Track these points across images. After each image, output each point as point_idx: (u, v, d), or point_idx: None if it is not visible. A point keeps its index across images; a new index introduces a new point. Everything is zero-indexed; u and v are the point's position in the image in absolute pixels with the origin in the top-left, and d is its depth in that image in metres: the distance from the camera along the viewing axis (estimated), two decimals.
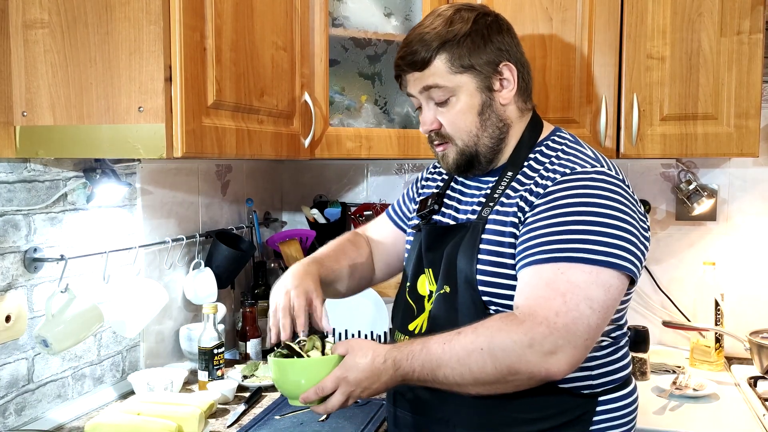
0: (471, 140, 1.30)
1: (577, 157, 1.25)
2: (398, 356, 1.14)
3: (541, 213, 1.18)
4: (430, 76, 1.28)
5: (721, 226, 2.19)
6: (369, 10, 2.00)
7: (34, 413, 1.54)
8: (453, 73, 1.27)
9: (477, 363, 1.10)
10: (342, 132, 1.92)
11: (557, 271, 1.12)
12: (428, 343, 1.14)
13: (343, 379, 1.14)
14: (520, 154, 1.31)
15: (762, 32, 1.76)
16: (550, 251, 1.14)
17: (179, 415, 1.47)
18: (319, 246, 2.38)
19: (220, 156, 1.45)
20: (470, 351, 1.11)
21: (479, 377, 1.11)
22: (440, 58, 1.27)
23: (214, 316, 1.81)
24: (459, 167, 1.33)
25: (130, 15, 1.30)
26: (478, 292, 1.24)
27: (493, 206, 1.28)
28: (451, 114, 1.29)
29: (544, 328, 1.09)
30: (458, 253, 1.28)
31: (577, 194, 1.17)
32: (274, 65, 1.65)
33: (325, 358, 1.18)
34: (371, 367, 1.14)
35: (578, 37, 1.89)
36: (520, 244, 1.20)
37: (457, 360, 1.11)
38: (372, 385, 1.15)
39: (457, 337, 1.13)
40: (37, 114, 1.38)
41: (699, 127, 1.82)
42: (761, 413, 1.67)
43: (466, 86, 1.28)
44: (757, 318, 2.10)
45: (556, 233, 1.15)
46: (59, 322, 1.47)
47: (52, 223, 1.56)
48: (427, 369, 1.13)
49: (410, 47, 1.29)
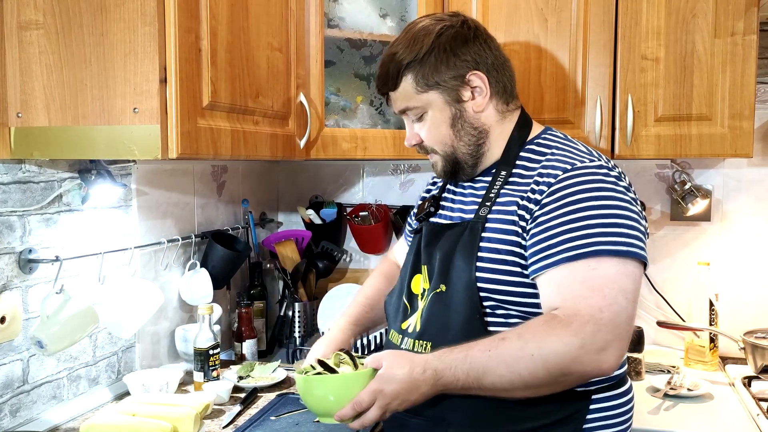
0: (449, 149, 1.34)
1: (573, 153, 1.27)
2: (440, 366, 1.13)
3: (554, 211, 1.19)
4: (401, 99, 1.34)
5: (715, 226, 2.19)
6: (364, 11, 2.00)
7: (29, 414, 1.54)
8: (419, 92, 1.32)
9: (528, 369, 1.10)
10: (337, 133, 1.93)
11: (588, 268, 1.14)
12: (471, 351, 1.13)
13: (380, 392, 1.12)
14: (510, 152, 1.33)
15: (756, 33, 1.77)
16: (576, 248, 1.15)
17: (174, 416, 1.47)
18: (315, 247, 2.41)
19: (216, 157, 1.45)
20: (519, 357, 1.11)
21: (530, 382, 1.12)
22: (406, 80, 1.32)
23: (209, 317, 1.81)
24: (446, 173, 1.38)
25: (125, 16, 1.30)
26: (476, 291, 1.24)
27: (490, 206, 1.29)
28: (426, 128, 1.35)
29: (592, 326, 1.10)
30: (455, 251, 1.29)
31: (584, 189, 1.19)
32: (270, 66, 1.65)
33: (358, 373, 1.15)
34: (410, 379, 1.12)
35: (573, 38, 1.89)
36: (536, 244, 1.20)
37: (506, 367, 1.11)
38: (410, 397, 1.13)
39: (502, 343, 1.12)
40: (31, 115, 1.38)
41: (693, 128, 1.83)
42: (755, 413, 1.68)
43: (435, 102, 1.32)
44: (751, 318, 2.11)
45: (576, 230, 1.16)
46: (54, 323, 1.47)
47: (47, 224, 1.56)
48: (472, 377, 1.12)
49: (383, 68, 1.35)
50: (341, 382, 1.14)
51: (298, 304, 2.29)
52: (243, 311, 2.15)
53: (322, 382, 1.15)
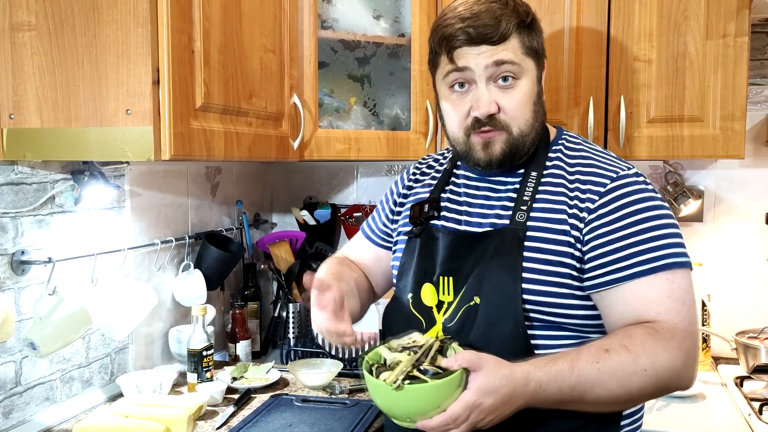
0: (526, 129, 1.20)
1: (607, 159, 1.23)
2: (544, 379, 1.02)
3: (615, 222, 1.14)
4: (505, 51, 1.16)
5: (707, 227, 2.20)
6: (358, 13, 2.00)
7: (21, 416, 1.53)
8: (523, 54, 1.18)
9: (638, 384, 1.05)
10: (331, 134, 1.93)
11: (668, 281, 1.10)
12: (577, 363, 1.04)
13: (477, 406, 0.99)
14: (539, 153, 1.25)
15: (747, 35, 1.78)
16: (652, 260, 1.11)
17: (167, 418, 1.47)
18: (309, 248, 2.41)
19: (209, 158, 1.46)
20: (632, 372, 1.04)
21: (635, 397, 1.08)
22: (515, 37, 1.17)
23: (203, 318, 1.81)
24: (503, 159, 1.21)
25: (118, 18, 1.30)
26: (519, 305, 1.14)
27: (527, 210, 1.19)
28: (516, 98, 1.18)
29: (690, 341, 1.08)
30: (492, 261, 1.18)
31: (639, 199, 1.15)
32: (263, 68, 1.65)
33: (449, 380, 0.98)
34: (511, 393, 1.00)
35: (566, 40, 1.90)
36: (603, 256, 1.13)
37: (617, 382, 1.04)
38: (505, 412, 1.02)
39: (610, 356, 1.04)
40: (24, 116, 1.38)
41: (685, 130, 1.84)
42: (747, 413, 1.69)
43: (530, 72, 1.20)
44: (743, 318, 2.12)
45: (646, 242, 1.12)
46: (47, 325, 1.47)
47: (40, 225, 1.56)
48: (577, 391, 1.04)
49: (479, 20, 1.16)
50: (432, 390, 0.98)
51: (292, 305, 2.29)
52: (237, 312, 2.15)
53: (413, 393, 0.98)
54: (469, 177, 1.31)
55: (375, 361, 1.07)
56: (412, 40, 1.98)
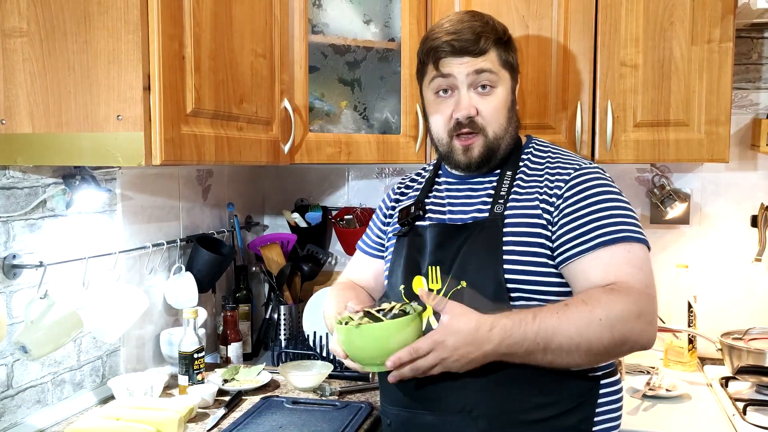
0: (501, 132, 1.38)
1: (571, 156, 1.40)
2: (508, 324, 1.13)
3: (579, 203, 1.28)
4: (484, 62, 1.35)
5: (694, 229, 2.23)
6: (348, 18, 2.02)
7: (13, 419, 1.54)
8: (500, 66, 1.38)
9: (596, 333, 1.14)
10: (322, 138, 1.94)
11: (626, 251, 1.23)
12: (539, 313, 1.15)
13: (440, 343, 1.11)
14: (513, 156, 1.41)
15: (732, 41, 1.80)
16: (612, 233, 1.24)
17: (158, 420, 1.48)
18: (300, 250, 2.42)
19: (200, 163, 1.47)
20: (590, 321, 1.14)
21: (593, 348, 1.16)
22: (494, 51, 1.37)
23: (194, 321, 1.82)
24: (480, 161, 1.38)
25: (109, 24, 1.31)
26: (503, 285, 1.27)
27: (504, 203, 1.34)
28: (492, 103, 1.37)
29: (645, 298, 1.18)
30: (478, 248, 1.31)
31: (599, 184, 1.31)
32: (254, 72, 1.66)
33: (403, 320, 1.10)
34: (475, 335, 1.11)
35: (554, 45, 1.92)
36: (569, 232, 1.27)
37: (576, 330, 1.14)
38: (469, 355, 1.12)
39: (569, 308, 1.16)
40: (15, 122, 1.39)
41: (671, 134, 1.86)
42: (731, 413, 1.71)
43: (506, 82, 1.39)
44: (728, 319, 2.15)
45: (606, 218, 1.26)
46: (38, 328, 1.47)
47: (32, 229, 1.56)
48: (541, 337, 1.13)
49: (462, 35, 1.34)
50: (386, 327, 1.09)
51: (284, 307, 2.30)
52: (228, 314, 2.16)
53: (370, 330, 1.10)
54: (450, 182, 1.47)
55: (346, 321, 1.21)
56: (401, 45, 1.99)
